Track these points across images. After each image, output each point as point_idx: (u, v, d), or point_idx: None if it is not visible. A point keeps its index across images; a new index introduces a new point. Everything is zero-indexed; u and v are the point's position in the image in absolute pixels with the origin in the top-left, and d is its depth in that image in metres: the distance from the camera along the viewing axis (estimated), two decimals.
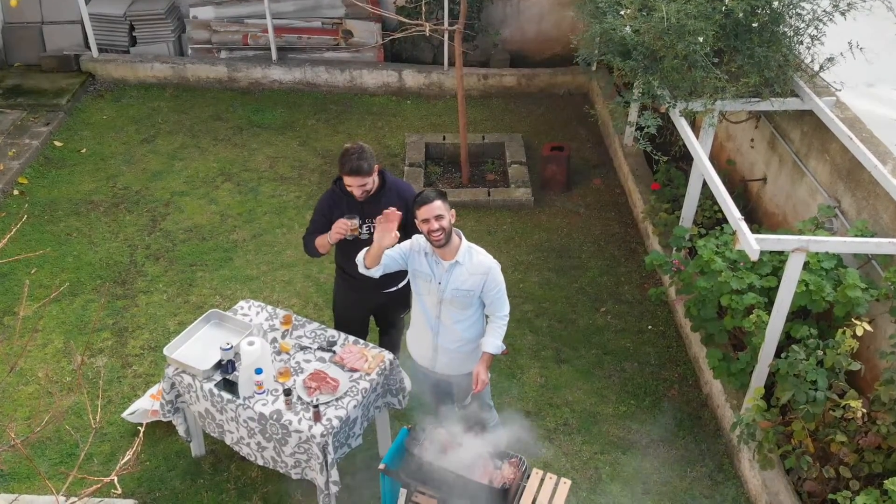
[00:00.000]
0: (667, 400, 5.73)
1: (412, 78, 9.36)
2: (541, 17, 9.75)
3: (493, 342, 4.41)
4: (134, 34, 9.53)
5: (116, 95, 9.27)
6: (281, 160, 8.23)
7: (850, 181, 5.46)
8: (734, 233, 4.53)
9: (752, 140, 6.90)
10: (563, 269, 6.89)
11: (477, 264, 4.29)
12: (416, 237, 4.42)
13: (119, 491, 3.57)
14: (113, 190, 7.76)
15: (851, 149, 5.18)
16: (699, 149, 5.23)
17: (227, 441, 4.73)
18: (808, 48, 5.65)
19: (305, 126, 8.83)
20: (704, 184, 6.17)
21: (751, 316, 4.90)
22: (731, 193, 7.04)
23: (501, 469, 4.17)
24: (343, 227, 4.55)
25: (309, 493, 4.91)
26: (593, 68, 9.52)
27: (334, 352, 4.83)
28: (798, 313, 5.02)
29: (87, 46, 9.42)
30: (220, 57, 9.49)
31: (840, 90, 5.77)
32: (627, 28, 5.22)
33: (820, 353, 4.41)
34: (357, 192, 4.58)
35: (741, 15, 5.26)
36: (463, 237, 4.33)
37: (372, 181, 4.61)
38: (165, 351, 4.67)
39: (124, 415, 5.29)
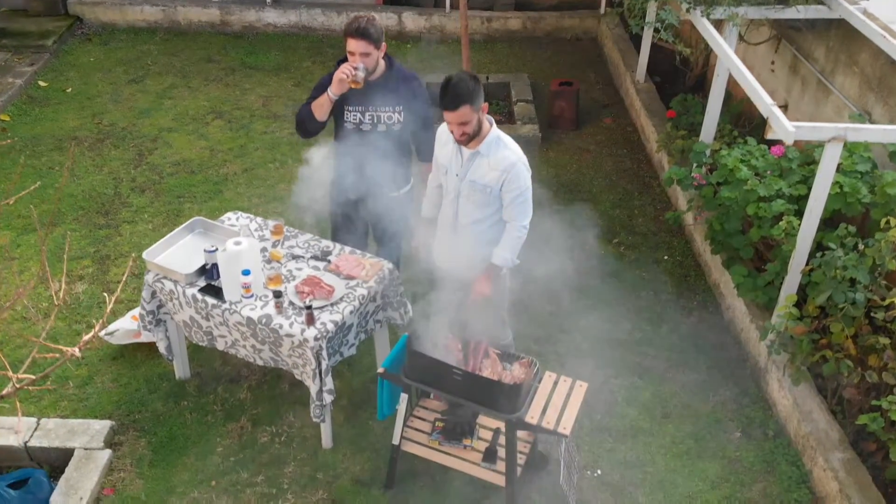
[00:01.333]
0: (686, 326, 5.35)
1: (412, 21, 8.99)
2: None
3: (501, 253, 3.99)
4: None
5: (105, 39, 8.90)
6: (274, 99, 7.86)
7: (882, 89, 5.08)
8: (766, 120, 4.14)
9: (773, 63, 6.53)
10: (575, 203, 6.50)
11: (500, 158, 3.83)
12: (439, 129, 4.02)
13: (80, 356, 3.18)
14: (98, 126, 7.38)
15: (886, 48, 4.79)
16: (723, 42, 4.85)
17: (220, 346, 4.35)
18: None
19: (301, 68, 8.46)
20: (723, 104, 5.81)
21: (780, 223, 4.52)
22: (749, 123, 6.72)
23: (511, 370, 3.78)
24: (347, 70, 4.08)
25: (303, 413, 4.54)
26: (602, 11, 9.19)
27: (329, 261, 4.45)
28: (829, 224, 4.65)
29: None
30: None
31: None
32: None
33: (860, 248, 4.02)
34: (356, 61, 4.12)
35: None
36: (494, 125, 3.86)
37: (377, 57, 4.20)
38: (145, 255, 4.30)
39: (102, 333, 4.92)
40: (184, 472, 4.27)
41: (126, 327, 4.91)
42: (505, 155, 3.84)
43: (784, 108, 6.43)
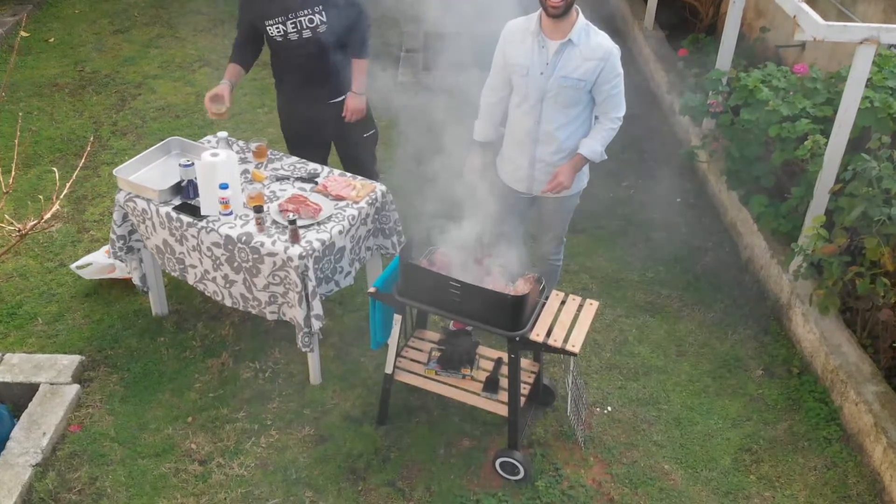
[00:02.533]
0: (700, 266, 5.00)
1: None
2: None
3: (592, 145, 3.60)
4: None
5: None
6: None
7: None
8: (794, 18, 3.78)
9: None
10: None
11: (595, 46, 3.44)
12: (506, 27, 3.59)
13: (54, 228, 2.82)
14: (80, 74, 7.04)
15: None
16: None
17: (190, 279, 4.01)
18: None
19: None
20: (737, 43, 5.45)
21: (805, 143, 4.17)
22: (763, 60, 6.38)
23: (515, 286, 3.43)
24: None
25: (289, 349, 4.19)
26: None
27: (316, 182, 4.11)
28: (856, 145, 4.29)
29: None
30: None
31: None
32: None
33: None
34: None
35: None
36: (581, 13, 3.46)
37: None
38: (116, 171, 3.96)
39: (74, 266, 4.58)
40: (158, 409, 3.92)
41: (100, 261, 4.57)
42: (599, 42, 3.47)
43: (802, 46, 6.09)
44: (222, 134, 4.23)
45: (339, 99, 4.31)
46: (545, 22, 3.46)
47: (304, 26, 4.07)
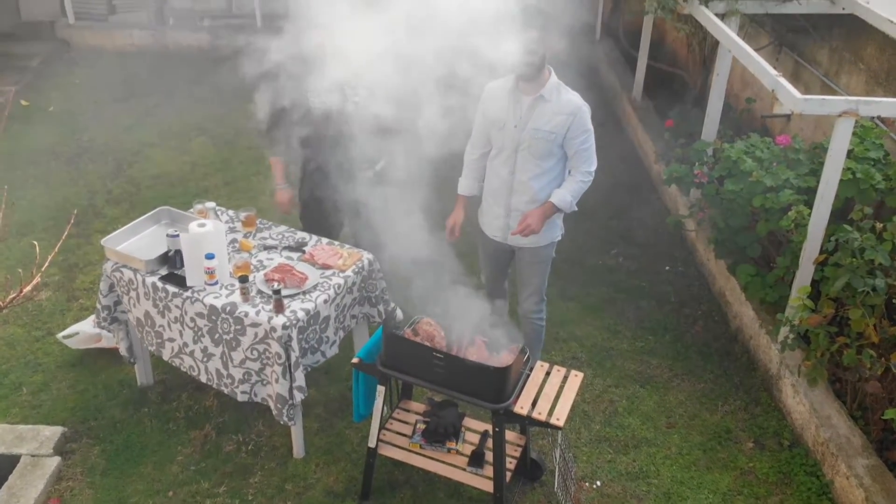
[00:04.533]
0: (690, 335, 4.98)
1: None
2: None
3: (562, 194, 3.81)
4: (113, 2, 9.05)
5: (91, 62, 8.75)
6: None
7: (891, 81, 4.84)
8: (773, 92, 3.86)
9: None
10: (567, 215, 6.17)
11: (565, 102, 3.72)
12: (486, 88, 3.88)
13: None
14: (78, 142, 7.16)
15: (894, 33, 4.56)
16: (723, 26, 4.60)
17: (166, 355, 3.99)
18: None
19: None
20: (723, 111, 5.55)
21: (789, 213, 4.21)
22: (749, 130, 6.48)
23: (498, 356, 3.42)
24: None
25: (273, 422, 4.14)
26: (597, 37, 9.07)
27: (304, 251, 4.13)
28: (840, 216, 4.32)
29: (65, 14, 8.94)
30: (202, 24, 9.00)
31: None
32: None
33: (878, 229, 3.70)
34: None
35: None
36: (553, 72, 3.75)
37: None
38: (104, 241, 3.98)
39: (60, 336, 4.57)
40: (138, 482, 3.86)
41: (87, 331, 4.56)
42: (569, 98, 3.74)
43: (787, 117, 6.20)
44: (210, 204, 4.27)
45: (370, 172, 4.33)
46: (521, 82, 3.74)
47: (349, 99, 4.11)
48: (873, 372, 3.55)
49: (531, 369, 3.45)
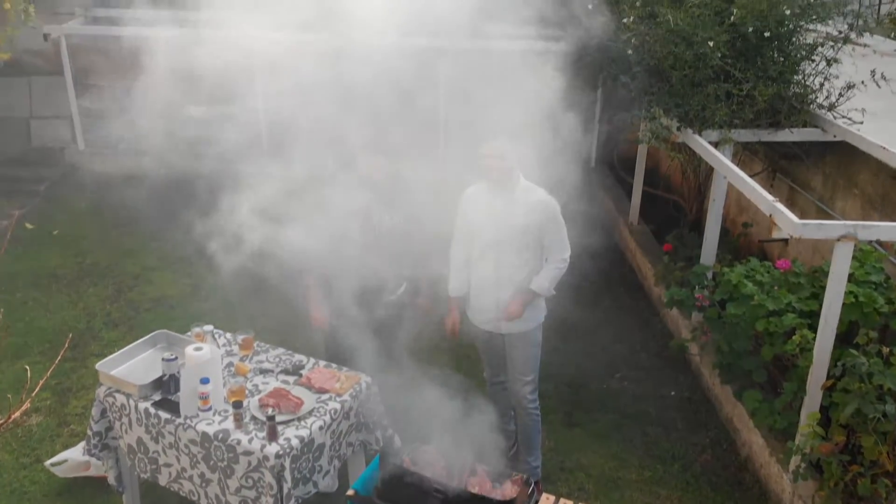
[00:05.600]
0: (699, 464, 4.82)
1: None
2: (534, 122, 9.58)
3: (540, 281, 4.16)
4: (122, 131, 9.33)
5: (98, 187, 8.89)
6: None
7: (886, 205, 4.91)
8: (770, 216, 3.89)
9: None
10: (570, 337, 6.13)
11: (535, 201, 4.09)
12: (464, 193, 4.29)
13: None
14: (80, 265, 7.19)
15: (889, 160, 4.64)
16: (717, 153, 4.70)
17: (163, 480, 3.84)
18: (824, 74, 5.28)
19: None
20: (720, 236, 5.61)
21: (793, 338, 4.16)
22: (747, 255, 6.53)
23: (502, 488, 3.28)
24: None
25: None
26: (591, 165, 9.29)
27: (301, 374, 4.05)
28: (844, 339, 4.27)
29: (75, 141, 9.20)
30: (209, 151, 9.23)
31: (862, 122, 5.32)
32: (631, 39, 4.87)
33: (885, 353, 3.64)
34: (378, 175, 4.28)
35: (750, 30, 4.93)
36: (522, 177, 4.12)
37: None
38: (98, 366, 3.92)
39: (48, 463, 4.42)
40: None
41: (75, 458, 4.41)
42: (539, 197, 4.11)
43: (785, 241, 6.25)
44: (208, 327, 4.23)
45: (392, 297, 4.43)
46: (493, 185, 4.13)
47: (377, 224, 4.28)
48: (890, 502, 3.40)
49: (537, 502, 3.30)
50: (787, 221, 3.69)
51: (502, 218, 4.09)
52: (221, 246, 7.75)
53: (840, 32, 5.02)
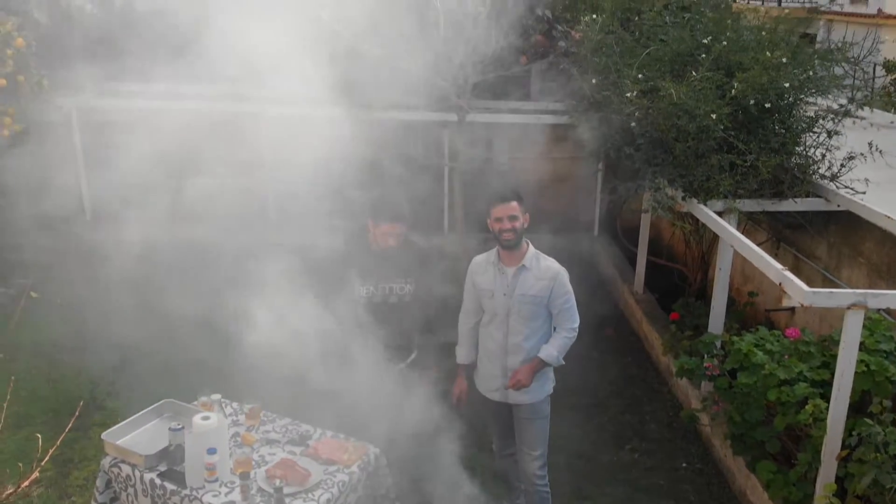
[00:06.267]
0: None
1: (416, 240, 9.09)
2: (540, 192, 9.70)
3: (549, 350, 4.17)
4: (130, 199, 9.43)
5: (105, 256, 8.89)
6: None
7: (893, 274, 4.92)
8: (780, 285, 3.90)
9: None
10: (580, 408, 6.07)
11: (544, 269, 4.13)
12: (473, 262, 4.33)
13: None
14: (83, 335, 7.14)
15: (894, 229, 4.68)
16: (723, 222, 4.74)
17: None
18: (825, 146, 5.37)
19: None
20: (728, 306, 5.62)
21: (806, 407, 4.12)
22: (751, 330, 6.53)
23: None
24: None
25: None
26: (595, 233, 9.37)
27: (308, 444, 4.00)
28: (857, 409, 4.23)
29: (83, 211, 9.30)
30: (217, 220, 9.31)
31: (864, 192, 5.38)
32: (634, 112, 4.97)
33: None
34: (394, 241, 4.19)
35: (752, 103, 5.04)
36: (530, 244, 4.19)
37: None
38: (104, 436, 3.87)
39: None
40: None
41: None
42: (548, 265, 4.16)
43: (791, 311, 6.25)
44: (215, 396, 4.20)
45: (400, 365, 4.43)
46: (502, 253, 4.19)
47: (393, 292, 4.29)
48: None
49: None
50: (798, 290, 3.71)
51: (512, 287, 4.13)
52: (227, 317, 7.77)
53: (841, 106, 5.13)
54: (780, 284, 3.88)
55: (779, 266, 3.96)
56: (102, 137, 9.37)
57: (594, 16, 6.50)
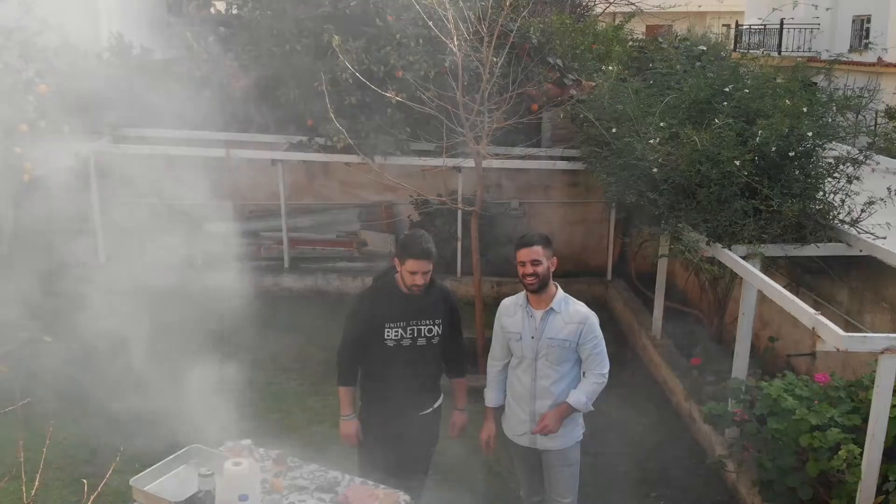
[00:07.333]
0: None
1: None
2: (551, 235, 9.73)
3: (577, 395, 4.13)
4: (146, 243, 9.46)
5: (119, 301, 8.93)
6: (283, 354, 7.70)
7: None
8: (813, 329, 3.89)
9: None
10: (602, 456, 5.99)
11: (573, 313, 4.13)
12: (501, 304, 4.30)
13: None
14: (100, 377, 7.08)
15: None
16: (753, 270, 4.75)
17: None
18: (845, 191, 5.41)
19: (314, 326, 8.39)
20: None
21: (840, 453, 4.08)
22: (772, 375, 6.50)
23: None
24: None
25: None
26: (608, 277, 9.37)
27: (337, 492, 3.95)
28: (890, 454, 4.19)
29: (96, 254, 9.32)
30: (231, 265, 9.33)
31: (885, 237, 5.40)
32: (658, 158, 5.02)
33: None
34: (420, 280, 4.13)
35: (773, 149, 5.09)
36: (559, 288, 4.18)
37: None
38: (132, 482, 3.82)
39: None
40: None
41: None
42: (577, 309, 4.15)
43: (812, 355, 6.22)
44: (246, 441, 4.16)
45: (428, 411, 4.39)
46: (530, 296, 4.17)
47: (422, 334, 4.24)
48: None
49: None
50: (833, 334, 3.70)
51: (541, 330, 4.13)
52: (247, 362, 7.76)
53: (860, 151, 5.19)
54: (813, 329, 3.88)
55: (812, 311, 3.96)
56: (119, 181, 9.47)
57: (609, 66, 6.61)
